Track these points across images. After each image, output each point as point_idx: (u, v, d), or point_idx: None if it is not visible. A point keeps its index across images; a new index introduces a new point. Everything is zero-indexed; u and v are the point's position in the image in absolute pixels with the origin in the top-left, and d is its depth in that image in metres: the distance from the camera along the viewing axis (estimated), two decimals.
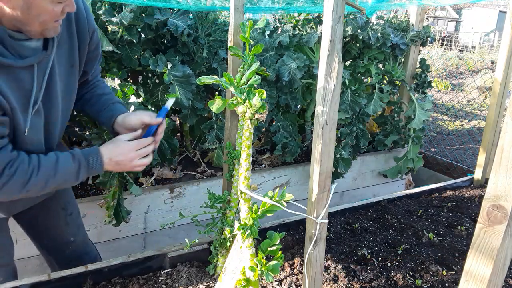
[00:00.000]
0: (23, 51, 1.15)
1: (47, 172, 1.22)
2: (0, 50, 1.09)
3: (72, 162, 1.27)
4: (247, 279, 1.17)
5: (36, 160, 1.22)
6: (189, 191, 2.56)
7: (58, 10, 1.11)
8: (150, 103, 2.37)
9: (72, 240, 1.72)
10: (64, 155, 1.27)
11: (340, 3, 1.02)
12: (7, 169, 1.16)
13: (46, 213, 1.62)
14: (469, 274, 0.87)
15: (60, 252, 1.73)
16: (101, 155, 1.31)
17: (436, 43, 13.59)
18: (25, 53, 1.16)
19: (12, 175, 1.17)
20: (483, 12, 21.58)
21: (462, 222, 2.21)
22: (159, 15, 2.22)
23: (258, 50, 1.44)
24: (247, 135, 1.22)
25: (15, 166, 1.17)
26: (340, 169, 2.92)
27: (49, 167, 1.23)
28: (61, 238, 1.71)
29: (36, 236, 1.70)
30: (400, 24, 3.18)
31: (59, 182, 1.27)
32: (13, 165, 1.17)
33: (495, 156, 0.77)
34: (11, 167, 1.17)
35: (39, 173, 1.21)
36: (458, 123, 5.77)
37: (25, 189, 1.20)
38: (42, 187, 1.24)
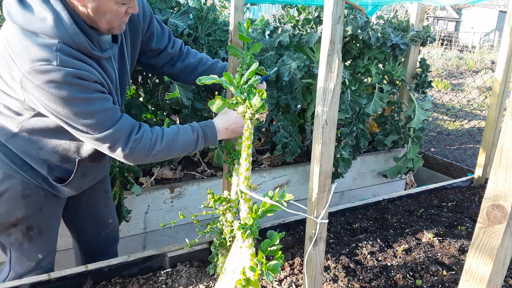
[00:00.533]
0: (103, 44, 1.32)
1: (170, 141, 1.38)
2: (90, 44, 1.25)
3: (192, 134, 1.42)
4: (247, 279, 1.17)
5: (160, 130, 1.38)
6: (189, 191, 2.56)
7: (122, 10, 1.25)
8: (150, 103, 2.37)
9: (110, 222, 1.87)
10: (184, 127, 1.43)
11: (340, 3, 1.02)
12: (133, 135, 1.32)
13: (92, 196, 1.75)
14: (469, 274, 0.87)
15: (97, 235, 1.84)
16: (216, 127, 1.46)
17: (436, 43, 13.58)
18: (104, 46, 1.33)
19: (139, 141, 1.32)
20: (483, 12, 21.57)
21: (462, 222, 2.21)
22: (159, 15, 2.22)
23: (256, 50, 1.45)
24: (247, 135, 1.22)
25: (141, 133, 1.33)
26: (340, 169, 2.92)
27: (172, 137, 1.38)
28: (101, 219, 1.84)
29: (79, 220, 1.80)
30: (400, 24, 3.18)
31: (181, 150, 1.42)
32: (139, 132, 1.33)
33: (495, 156, 0.77)
34: (137, 133, 1.32)
35: (163, 141, 1.36)
36: (458, 123, 5.77)
37: (152, 155, 1.36)
38: (166, 154, 1.39)
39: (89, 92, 1.23)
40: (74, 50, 1.21)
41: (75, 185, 1.53)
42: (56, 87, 1.17)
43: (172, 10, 2.35)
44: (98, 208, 1.81)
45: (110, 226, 1.88)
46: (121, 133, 1.30)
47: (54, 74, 1.15)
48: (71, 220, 1.81)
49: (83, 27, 1.23)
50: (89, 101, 1.23)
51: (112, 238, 1.92)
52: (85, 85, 1.21)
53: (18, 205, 1.45)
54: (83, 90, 1.21)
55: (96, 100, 1.25)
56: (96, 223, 1.83)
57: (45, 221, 1.55)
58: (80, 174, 1.50)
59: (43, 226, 1.54)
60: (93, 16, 1.22)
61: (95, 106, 1.25)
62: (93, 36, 1.27)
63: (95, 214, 1.81)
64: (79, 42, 1.21)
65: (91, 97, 1.23)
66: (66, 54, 1.18)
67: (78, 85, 1.20)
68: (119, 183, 2.21)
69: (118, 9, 1.23)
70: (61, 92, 1.18)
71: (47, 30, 1.16)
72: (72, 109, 1.21)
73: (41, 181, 1.46)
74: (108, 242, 1.89)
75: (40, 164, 1.42)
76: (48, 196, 1.50)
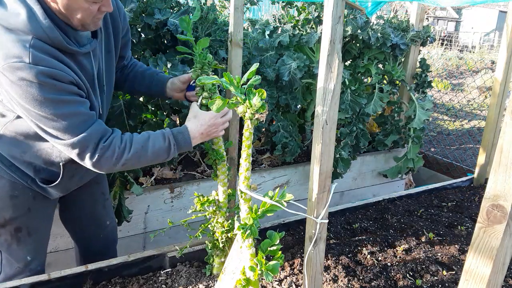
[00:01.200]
0: (80, 39, 1.28)
1: (140, 150, 1.33)
2: (65, 39, 1.22)
3: (163, 141, 1.36)
4: (247, 279, 1.17)
5: (129, 137, 1.33)
6: (189, 191, 2.56)
7: (94, 8, 1.21)
8: (150, 103, 2.37)
9: (108, 223, 1.85)
10: (155, 134, 1.37)
11: (340, 3, 1.02)
12: (101, 143, 1.27)
13: (89, 197, 1.74)
14: (468, 274, 0.87)
15: (95, 236, 1.83)
16: (189, 132, 1.40)
17: (436, 43, 13.58)
18: (82, 41, 1.30)
19: (106, 148, 1.27)
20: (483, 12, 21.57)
21: (462, 222, 2.21)
22: (159, 15, 2.22)
23: (204, 44, 1.45)
24: (247, 135, 1.22)
25: (109, 140, 1.28)
26: (340, 169, 2.92)
27: (142, 145, 1.33)
28: (98, 221, 1.82)
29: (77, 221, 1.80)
30: (400, 24, 3.18)
31: (152, 159, 1.37)
32: (107, 140, 1.28)
33: (494, 156, 0.77)
34: (106, 141, 1.28)
35: (131, 150, 1.31)
36: (458, 123, 5.77)
37: (120, 163, 1.31)
38: (136, 163, 1.35)
39: (62, 93, 1.19)
40: (48, 46, 1.18)
41: (62, 187, 1.51)
42: (28, 85, 1.13)
43: (172, 10, 2.35)
44: (95, 209, 1.80)
45: (108, 227, 1.87)
46: (91, 140, 1.25)
47: (26, 72, 1.12)
48: (69, 221, 1.81)
49: (58, 22, 1.20)
50: (60, 103, 1.19)
51: (111, 239, 1.91)
52: (58, 86, 1.17)
53: (6, 206, 1.43)
54: (56, 91, 1.17)
55: (68, 102, 1.20)
56: (94, 224, 1.82)
57: (34, 223, 1.53)
58: (68, 177, 1.48)
59: (32, 227, 1.52)
60: (65, 13, 1.20)
61: (66, 109, 1.20)
62: (69, 31, 1.24)
63: (92, 216, 1.80)
64: (53, 37, 1.17)
65: (63, 99, 1.19)
66: (40, 50, 1.15)
67: (51, 85, 1.16)
68: (119, 183, 2.20)
69: (90, 7, 1.20)
70: (33, 90, 1.14)
71: (21, 26, 1.14)
72: (43, 110, 1.17)
73: (30, 182, 1.44)
74: (107, 243, 1.89)
75: (26, 166, 1.41)
76: (37, 197, 1.49)
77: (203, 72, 1.49)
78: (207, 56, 1.47)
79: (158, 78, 1.65)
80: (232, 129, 1.69)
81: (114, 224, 1.94)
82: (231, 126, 1.69)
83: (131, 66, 1.69)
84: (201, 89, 1.49)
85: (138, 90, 1.71)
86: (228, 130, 1.69)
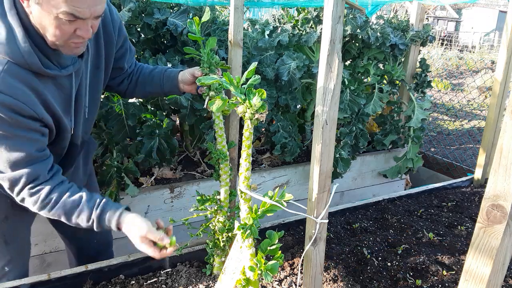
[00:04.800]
0: (63, 60, 1.22)
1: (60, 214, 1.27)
2: (46, 63, 1.16)
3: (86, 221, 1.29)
4: (247, 279, 1.17)
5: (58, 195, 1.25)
6: (189, 191, 2.56)
7: (67, 29, 1.11)
8: (149, 103, 2.37)
9: None
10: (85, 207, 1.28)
11: (340, 3, 1.02)
12: (27, 187, 1.21)
13: None
14: (468, 274, 0.87)
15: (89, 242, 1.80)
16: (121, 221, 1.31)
17: (436, 43, 13.58)
18: (65, 63, 1.23)
19: (30, 195, 1.22)
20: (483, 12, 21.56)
21: (462, 222, 2.21)
22: (158, 14, 2.22)
23: (212, 45, 1.45)
24: (247, 135, 1.22)
25: (37, 189, 1.22)
26: (339, 169, 2.92)
27: (64, 212, 1.27)
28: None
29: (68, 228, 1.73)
30: (400, 24, 3.18)
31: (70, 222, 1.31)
32: (36, 187, 1.22)
33: (494, 156, 0.77)
34: (33, 187, 1.22)
35: (52, 210, 1.25)
36: (458, 123, 5.77)
37: (38, 211, 1.26)
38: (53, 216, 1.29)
39: (15, 129, 1.13)
40: (24, 71, 1.12)
41: None
42: None
43: (172, 10, 2.35)
44: None
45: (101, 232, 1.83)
46: (21, 181, 1.20)
47: None
48: (61, 228, 1.76)
49: (38, 43, 1.14)
50: (9, 137, 1.13)
51: (105, 242, 1.87)
52: (13, 120, 1.11)
53: None
54: (8, 125, 1.11)
55: (17, 138, 1.15)
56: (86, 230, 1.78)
57: (11, 231, 1.48)
58: None
59: (10, 235, 1.48)
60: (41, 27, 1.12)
61: (12, 144, 1.14)
62: (51, 53, 1.18)
63: None
64: (32, 62, 1.12)
65: (14, 134, 1.14)
66: (13, 76, 1.10)
67: (7, 118, 1.10)
68: (116, 183, 2.20)
69: (62, 26, 1.10)
70: None
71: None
72: None
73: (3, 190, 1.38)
74: (100, 247, 1.85)
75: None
76: (14, 205, 1.41)
77: (210, 72, 1.49)
78: (215, 57, 1.48)
79: (167, 74, 1.60)
80: (232, 129, 1.69)
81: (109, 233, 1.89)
82: (231, 126, 1.68)
83: (138, 70, 1.64)
84: (208, 88, 1.49)
85: (150, 91, 1.67)
86: (229, 130, 1.69)
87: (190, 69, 1.56)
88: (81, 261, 1.81)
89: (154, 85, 1.62)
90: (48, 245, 2.18)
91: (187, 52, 1.53)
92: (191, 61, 2.41)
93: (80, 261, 1.82)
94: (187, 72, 1.55)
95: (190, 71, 1.54)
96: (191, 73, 1.53)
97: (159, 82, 1.61)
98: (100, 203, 1.30)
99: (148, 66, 1.67)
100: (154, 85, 1.62)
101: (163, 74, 1.60)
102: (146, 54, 2.27)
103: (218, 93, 1.48)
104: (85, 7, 1.09)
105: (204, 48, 1.47)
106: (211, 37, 1.45)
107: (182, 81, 1.57)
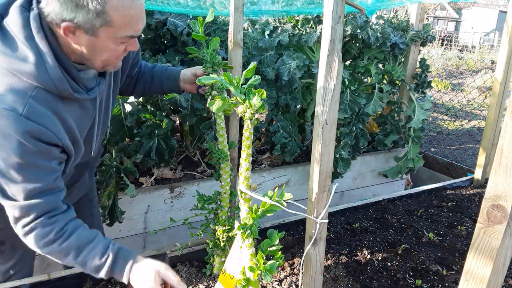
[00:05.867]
0: (88, 83, 1.20)
1: (71, 249, 1.18)
2: (75, 87, 1.14)
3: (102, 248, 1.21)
4: (247, 279, 1.17)
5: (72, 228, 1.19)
6: (189, 191, 2.56)
7: (120, 49, 1.14)
8: (149, 103, 2.37)
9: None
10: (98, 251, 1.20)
11: (340, 3, 1.02)
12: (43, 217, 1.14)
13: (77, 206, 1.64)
14: (469, 274, 0.87)
15: None
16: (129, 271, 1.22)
17: (436, 43, 13.58)
18: (90, 85, 1.21)
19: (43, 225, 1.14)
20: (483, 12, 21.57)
21: (462, 222, 2.21)
22: (158, 14, 2.22)
23: (215, 45, 1.45)
24: (247, 135, 1.22)
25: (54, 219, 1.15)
26: (339, 169, 2.92)
27: (77, 246, 1.18)
28: None
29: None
30: (400, 24, 3.18)
31: (77, 266, 1.23)
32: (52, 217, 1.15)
33: (494, 156, 0.77)
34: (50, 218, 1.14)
35: (64, 243, 1.17)
36: (458, 123, 5.77)
37: (45, 249, 1.18)
38: (59, 257, 1.20)
39: (38, 158, 1.08)
40: (52, 96, 1.10)
41: None
42: (6, 137, 1.03)
43: None
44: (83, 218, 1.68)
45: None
46: (35, 211, 1.13)
47: (12, 123, 1.02)
48: None
49: (68, 68, 1.12)
50: (30, 167, 1.08)
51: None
52: (38, 148, 1.07)
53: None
54: (32, 154, 1.07)
55: (38, 168, 1.10)
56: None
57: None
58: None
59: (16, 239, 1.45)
60: (88, 55, 1.12)
61: (32, 174, 1.09)
62: (78, 76, 1.16)
63: None
64: (62, 88, 1.10)
65: (35, 164, 1.09)
66: (41, 102, 1.07)
67: (31, 146, 1.06)
68: (115, 183, 2.20)
69: (116, 48, 1.12)
70: (8, 143, 1.03)
71: (27, 72, 1.04)
72: (7, 166, 1.06)
73: None
74: None
75: None
76: None
77: (213, 71, 1.49)
78: (217, 57, 1.49)
79: (168, 73, 1.59)
80: (232, 129, 1.69)
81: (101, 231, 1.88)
82: (231, 126, 1.68)
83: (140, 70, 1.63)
84: (211, 88, 1.50)
85: (149, 90, 1.65)
86: (229, 130, 1.69)
87: (192, 68, 1.55)
88: None
89: (154, 84, 1.61)
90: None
91: (187, 52, 1.53)
92: (191, 61, 2.41)
93: None
94: (188, 72, 1.55)
95: (192, 70, 1.55)
96: (192, 72, 1.54)
97: (159, 81, 1.60)
98: (115, 244, 1.24)
99: (147, 64, 1.66)
100: (154, 84, 1.61)
101: (163, 73, 1.60)
102: (146, 54, 2.27)
103: (221, 92, 1.48)
104: (141, 24, 1.12)
105: (207, 48, 1.48)
106: (214, 38, 1.45)
107: (183, 80, 1.57)
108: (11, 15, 1.06)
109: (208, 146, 1.60)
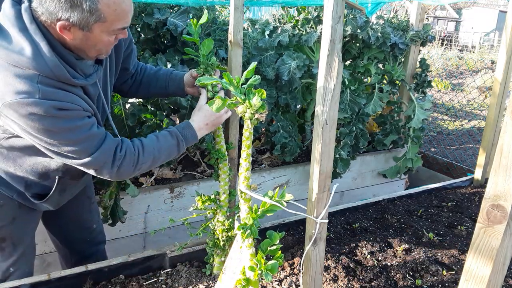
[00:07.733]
0: (87, 70, 1.28)
1: (152, 151, 1.37)
2: (73, 73, 1.20)
3: (171, 139, 1.41)
4: (247, 279, 1.17)
5: (139, 142, 1.36)
6: (189, 191, 2.56)
7: (112, 39, 1.23)
8: (149, 102, 2.37)
9: (94, 227, 1.84)
10: (162, 134, 1.41)
11: (340, 3, 1.02)
12: (118, 152, 1.30)
13: (75, 203, 1.71)
14: (469, 274, 0.87)
15: (82, 240, 1.82)
16: (193, 126, 1.45)
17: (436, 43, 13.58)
18: (88, 71, 1.29)
19: (123, 158, 1.30)
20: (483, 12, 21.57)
21: (462, 222, 2.21)
22: (158, 14, 2.22)
23: (209, 47, 1.46)
24: (247, 135, 1.22)
25: (124, 150, 1.31)
26: (339, 169, 2.92)
27: (153, 147, 1.37)
28: (85, 225, 1.81)
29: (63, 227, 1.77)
30: (400, 24, 3.18)
31: (165, 158, 1.41)
32: (122, 148, 1.31)
33: (494, 156, 0.77)
34: (121, 150, 1.31)
35: (145, 153, 1.35)
36: (458, 123, 5.77)
37: (137, 169, 1.35)
38: (151, 165, 1.39)
39: (73, 120, 1.20)
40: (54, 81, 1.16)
41: (53, 201, 1.49)
42: (39, 119, 1.13)
43: (172, 10, 2.35)
44: (81, 214, 1.77)
45: (95, 231, 1.85)
46: (106, 156, 1.28)
47: (37, 108, 1.11)
48: (54, 227, 1.77)
49: (64, 56, 1.18)
50: (73, 130, 1.20)
51: (98, 241, 1.89)
52: (69, 115, 1.18)
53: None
54: (67, 120, 1.18)
55: (80, 127, 1.21)
56: (80, 229, 1.79)
57: (19, 233, 1.50)
58: (59, 191, 1.46)
59: (17, 238, 1.50)
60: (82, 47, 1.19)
61: (79, 134, 1.21)
62: (75, 63, 1.22)
63: (78, 221, 1.77)
64: (60, 74, 1.16)
65: (75, 126, 1.20)
66: (48, 85, 1.14)
67: (62, 116, 1.16)
68: (116, 183, 2.20)
69: (109, 39, 1.21)
70: (45, 123, 1.14)
71: (25, 63, 1.10)
72: (56, 138, 1.18)
73: (16, 196, 1.42)
74: (94, 245, 1.86)
75: (18, 181, 1.39)
76: (22, 206, 1.45)
77: (206, 73, 1.50)
78: (212, 59, 1.50)
79: (173, 77, 1.65)
80: (232, 129, 1.69)
81: (101, 227, 1.91)
82: (231, 126, 1.68)
83: (142, 71, 1.67)
84: (205, 89, 1.51)
85: (154, 92, 1.71)
86: (228, 130, 1.69)
87: (193, 70, 1.59)
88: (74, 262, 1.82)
89: (158, 86, 1.67)
90: (48, 245, 2.17)
91: (187, 53, 1.53)
92: (191, 61, 2.41)
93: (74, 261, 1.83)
94: (189, 74, 1.59)
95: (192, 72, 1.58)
96: (193, 75, 1.57)
97: (164, 83, 1.65)
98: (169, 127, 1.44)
99: (152, 67, 1.70)
100: (159, 86, 1.66)
101: (168, 76, 1.65)
102: (146, 54, 2.26)
103: (215, 93, 1.50)
104: (130, 15, 1.21)
105: (200, 50, 1.48)
106: (207, 39, 1.47)
107: (186, 83, 1.61)
108: (4, 9, 1.13)
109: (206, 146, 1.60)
